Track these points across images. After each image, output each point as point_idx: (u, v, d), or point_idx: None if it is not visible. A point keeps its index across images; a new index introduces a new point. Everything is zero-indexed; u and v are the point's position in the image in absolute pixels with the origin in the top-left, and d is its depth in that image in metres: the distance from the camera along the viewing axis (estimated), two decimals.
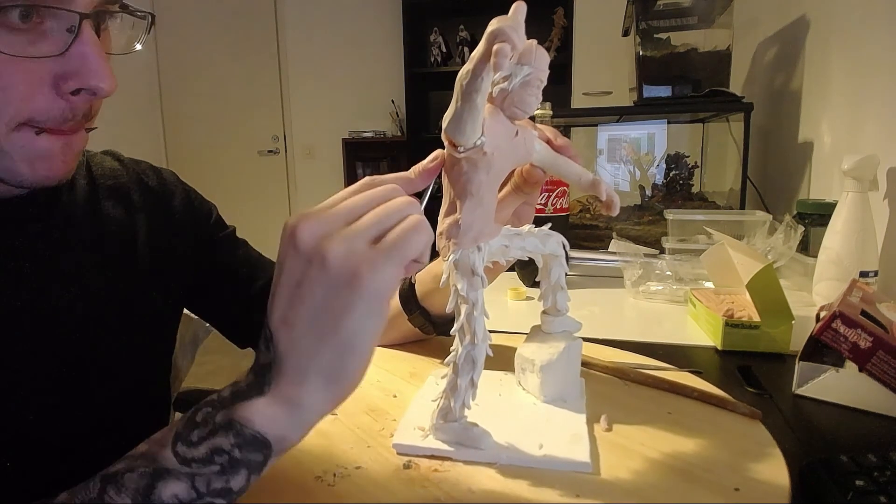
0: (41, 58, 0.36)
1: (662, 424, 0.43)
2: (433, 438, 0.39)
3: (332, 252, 0.30)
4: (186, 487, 0.30)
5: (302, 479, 0.36)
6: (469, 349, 0.37)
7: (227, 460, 0.30)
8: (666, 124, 1.55)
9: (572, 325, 0.47)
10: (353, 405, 0.44)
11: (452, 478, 0.36)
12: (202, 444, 0.30)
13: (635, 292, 0.90)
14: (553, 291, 0.46)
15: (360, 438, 0.41)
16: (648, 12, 1.28)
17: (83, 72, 0.37)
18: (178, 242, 0.57)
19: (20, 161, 0.39)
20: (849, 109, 0.99)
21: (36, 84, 0.37)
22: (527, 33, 0.33)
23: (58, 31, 0.36)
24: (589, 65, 2.61)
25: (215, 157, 3.85)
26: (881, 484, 0.34)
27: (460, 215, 0.36)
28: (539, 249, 0.44)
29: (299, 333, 0.31)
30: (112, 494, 0.30)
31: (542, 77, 0.35)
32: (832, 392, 0.52)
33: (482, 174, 0.35)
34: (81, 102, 0.39)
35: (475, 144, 0.34)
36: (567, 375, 0.46)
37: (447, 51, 3.35)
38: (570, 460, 0.37)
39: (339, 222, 0.31)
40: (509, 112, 0.36)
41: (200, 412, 0.32)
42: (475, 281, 0.37)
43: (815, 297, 0.80)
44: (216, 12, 3.67)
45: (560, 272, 0.45)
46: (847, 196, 0.75)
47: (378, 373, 0.51)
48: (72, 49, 0.37)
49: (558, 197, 0.94)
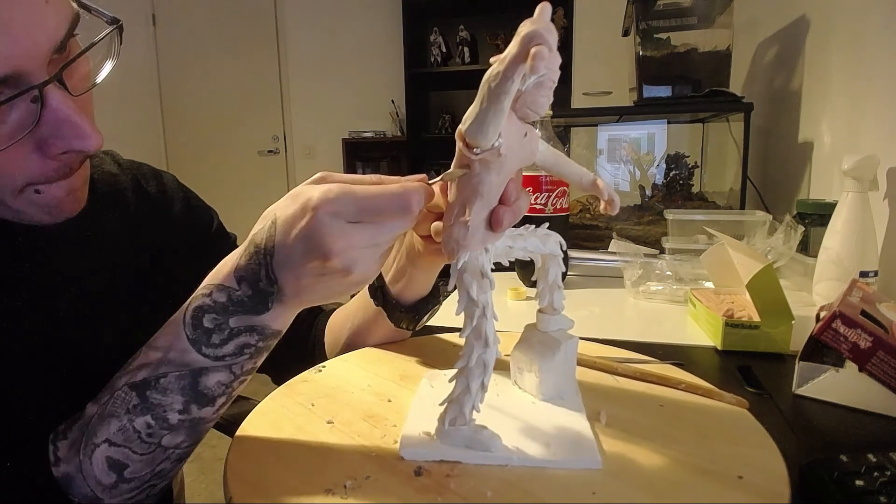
0: (14, 142, 0.34)
1: (657, 417, 0.43)
2: (440, 443, 0.38)
3: (357, 267, 0.36)
4: (226, 374, 0.38)
5: (311, 494, 0.35)
6: (481, 353, 0.37)
7: (254, 350, 0.38)
8: (666, 124, 1.55)
9: (566, 322, 0.47)
10: (350, 412, 0.44)
11: (467, 482, 0.35)
12: (228, 343, 0.37)
13: (635, 292, 0.90)
14: (550, 290, 0.46)
15: (362, 447, 0.39)
16: (648, 12, 1.28)
17: (62, 136, 0.36)
18: (177, 246, 0.57)
19: (36, 213, 0.40)
20: (849, 109, 0.99)
21: (22, 156, 0.36)
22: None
23: (19, 101, 0.34)
24: (589, 65, 2.60)
25: (215, 157, 3.85)
26: (881, 484, 0.34)
27: (469, 217, 0.36)
28: (540, 249, 0.44)
29: (301, 288, 0.37)
30: (157, 396, 0.37)
31: (555, 78, 0.35)
32: (832, 392, 0.52)
33: (493, 175, 0.35)
34: (71, 157, 0.38)
35: (493, 146, 0.34)
36: (564, 374, 0.46)
37: (447, 51, 3.36)
38: (580, 458, 0.37)
39: (368, 241, 0.36)
40: (521, 113, 0.36)
41: (206, 317, 0.37)
42: (484, 283, 0.37)
43: (815, 297, 0.80)
44: (216, 12, 3.68)
45: (557, 271, 0.46)
46: (847, 196, 0.75)
47: (367, 377, 0.50)
48: (43, 118, 0.35)
49: (558, 197, 0.94)
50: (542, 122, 0.92)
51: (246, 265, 0.37)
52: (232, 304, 0.37)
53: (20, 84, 0.33)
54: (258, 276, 0.36)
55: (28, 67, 0.33)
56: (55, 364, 0.44)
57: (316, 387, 0.48)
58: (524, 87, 0.33)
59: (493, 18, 3.33)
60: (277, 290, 0.36)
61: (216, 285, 0.38)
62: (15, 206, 0.38)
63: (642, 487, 0.34)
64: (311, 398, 0.46)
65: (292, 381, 0.49)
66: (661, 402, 0.46)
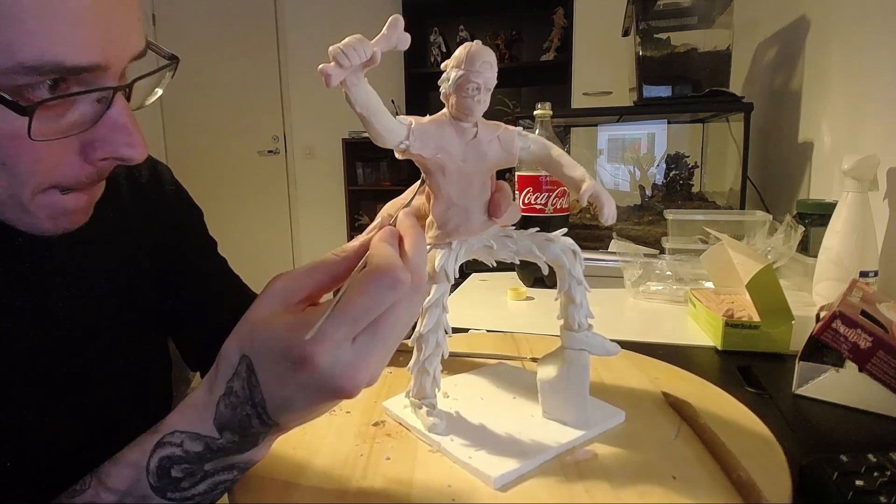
0: (67, 136, 0.34)
1: (655, 484, 0.36)
2: (409, 411, 0.44)
3: (321, 363, 0.30)
4: None
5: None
6: (417, 336, 0.40)
7: (229, 484, 0.35)
8: (666, 124, 1.55)
9: (598, 346, 0.42)
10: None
11: (395, 444, 0.41)
12: (200, 484, 0.34)
13: (635, 292, 0.90)
14: (563, 305, 0.42)
15: (377, 392, 0.49)
16: (648, 12, 1.28)
17: (113, 141, 0.36)
18: (168, 239, 0.57)
19: (44, 218, 0.38)
20: (849, 109, 0.99)
21: (63, 154, 0.35)
22: (526, 34, 0.33)
23: (86, 98, 0.34)
24: (589, 65, 2.60)
25: (215, 157, 3.85)
26: (881, 484, 0.34)
27: (432, 213, 0.39)
28: (535, 255, 0.41)
29: (291, 420, 0.33)
30: None
31: (477, 79, 0.35)
32: (832, 392, 0.52)
33: (438, 175, 0.38)
34: (109, 165, 0.38)
35: (400, 148, 0.37)
36: (568, 396, 0.42)
37: (447, 51, 3.36)
38: (480, 469, 0.36)
39: (344, 335, 0.31)
40: (455, 115, 0.38)
41: (174, 469, 0.33)
42: (435, 275, 0.39)
43: (815, 297, 0.80)
44: (216, 12, 3.68)
45: (568, 283, 0.41)
46: (847, 196, 0.75)
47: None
48: (102, 119, 0.35)
49: (558, 197, 0.94)
50: (541, 122, 0.92)
51: (231, 416, 0.33)
52: (210, 452, 0.33)
53: (98, 79, 0.34)
54: (247, 423, 0.33)
55: (114, 65, 0.34)
56: (54, 364, 0.44)
57: None
58: (447, 90, 0.37)
59: (493, 18, 3.33)
60: (274, 428, 0.33)
61: (188, 434, 0.33)
62: (30, 207, 0.37)
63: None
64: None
65: None
66: (678, 475, 0.37)
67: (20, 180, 0.35)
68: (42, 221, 0.39)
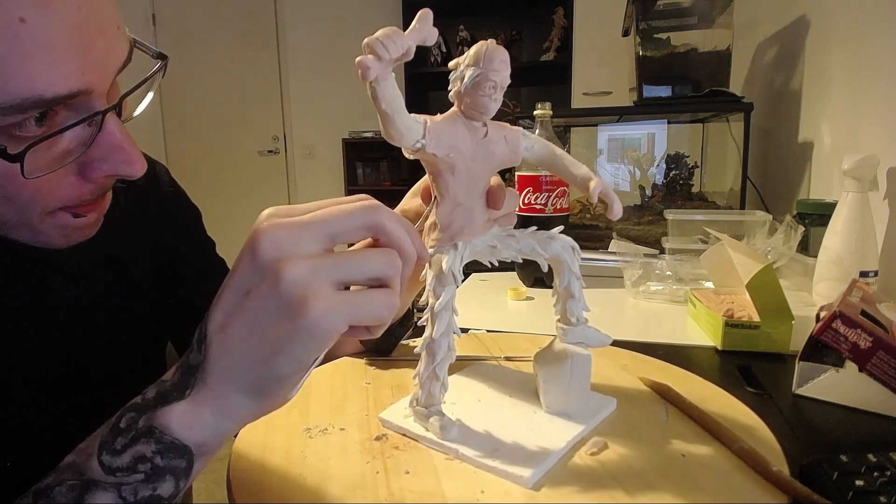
0: (62, 166, 0.34)
1: (666, 466, 0.37)
2: (412, 420, 0.41)
3: (289, 275, 0.28)
4: (114, 497, 0.29)
5: (291, 430, 0.41)
6: (428, 341, 0.39)
7: (150, 468, 0.29)
8: (666, 124, 1.55)
9: (592, 337, 0.43)
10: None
11: (408, 457, 0.38)
12: (125, 451, 0.29)
13: (635, 292, 0.90)
14: (562, 300, 0.43)
15: (364, 406, 0.45)
16: (648, 12, 1.28)
17: (109, 161, 0.36)
18: (167, 239, 0.57)
19: (57, 236, 0.39)
20: (849, 109, 0.99)
21: (62, 179, 0.35)
22: (527, 34, 0.33)
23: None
24: (589, 65, 2.61)
25: (215, 157, 3.85)
26: (881, 484, 0.34)
27: (436, 214, 0.39)
28: (537, 253, 0.42)
29: (232, 345, 0.29)
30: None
31: (494, 77, 0.36)
32: (832, 392, 0.52)
33: (447, 175, 0.38)
34: (109, 181, 0.38)
35: (415, 147, 0.36)
36: (571, 390, 0.43)
37: (447, 51, 3.36)
38: (509, 471, 0.36)
39: (310, 245, 0.29)
40: (468, 114, 0.37)
41: (125, 416, 0.31)
42: (443, 278, 0.38)
43: (815, 297, 0.80)
44: (216, 12, 3.68)
45: (567, 279, 0.43)
46: (847, 196, 0.75)
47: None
48: (96, 141, 0.35)
49: (558, 197, 0.94)
50: (541, 122, 0.92)
51: (183, 361, 0.32)
52: (156, 396, 0.31)
53: (84, 103, 0.33)
54: (193, 343, 0.31)
55: (98, 86, 0.34)
56: (54, 364, 0.44)
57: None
58: (462, 88, 0.36)
59: (493, 18, 3.33)
60: (203, 361, 0.30)
61: (157, 382, 0.32)
62: (40, 228, 0.37)
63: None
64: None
65: None
66: (685, 452, 0.38)
67: (25, 208, 0.35)
68: (55, 239, 0.39)
